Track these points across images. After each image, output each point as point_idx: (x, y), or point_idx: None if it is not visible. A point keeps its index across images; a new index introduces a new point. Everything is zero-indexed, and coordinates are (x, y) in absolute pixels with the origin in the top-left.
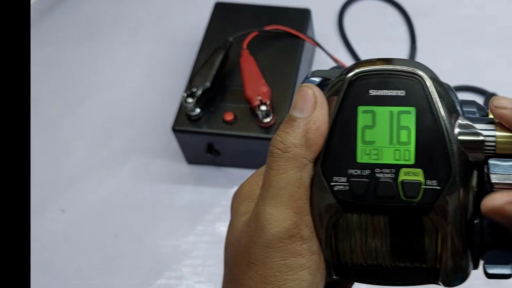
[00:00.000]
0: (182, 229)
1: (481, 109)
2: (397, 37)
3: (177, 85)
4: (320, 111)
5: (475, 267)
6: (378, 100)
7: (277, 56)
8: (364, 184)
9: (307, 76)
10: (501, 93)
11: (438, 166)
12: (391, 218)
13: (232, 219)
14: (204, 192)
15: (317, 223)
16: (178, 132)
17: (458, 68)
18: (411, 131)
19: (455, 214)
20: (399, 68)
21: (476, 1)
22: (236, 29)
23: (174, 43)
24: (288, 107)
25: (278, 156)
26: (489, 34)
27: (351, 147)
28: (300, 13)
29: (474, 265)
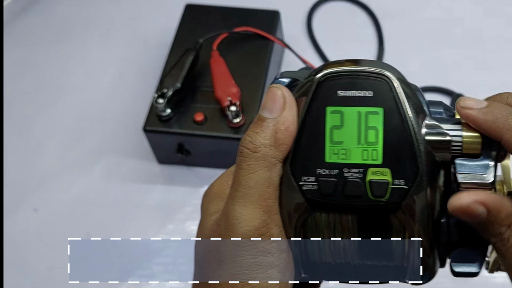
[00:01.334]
0: (153, 228)
1: (448, 109)
2: (365, 39)
3: (148, 86)
4: (289, 111)
5: (442, 265)
6: (346, 100)
7: (247, 57)
8: (333, 183)
9: (276, 77)
10: (468, 94)
11: (406, 166)
12: (359, 217)
13: (202, 218)
14: (175, 191)
15: (286, 222)
16: (149, 132)
17: (425, 69)
18: (378, 131)
19: (422, 213)
20: (367, 69)
21: (443, 3)
22: (206, 31)
23: (145, 45)
24: (257, 108)
25: (248, 156)
26: (456, 35)
27: (319, 147)
28: (269, 15)
29: (441, 263)
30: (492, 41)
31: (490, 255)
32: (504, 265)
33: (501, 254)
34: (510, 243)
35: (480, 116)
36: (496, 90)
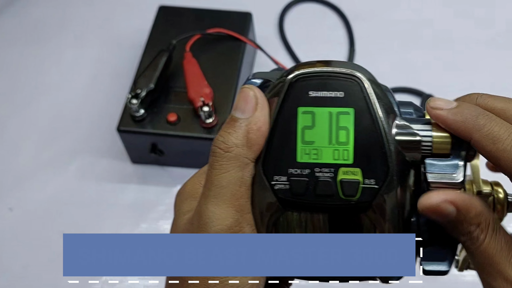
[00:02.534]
0: (126, 227)
1: (418, 110)
2: (336, 40)
3: (122, 87)
4: (261, 112)
5: None
6: (318, 101)
7: (219, 58)
8: (304, 183)
9: (248, 77)
10: (437, 94)
11: (376, 166)
12: (330, 216)
13: (175, 217)
14: (148, 191)
15: (258, 221)
16: (123, 133)
17: (396, 70)
18: (349, 132)
19: (392, 212)
20: (338, 70)
21: (413, 5)
22: (180, 32)
23: (119, 46)
24: (230, 108)
25: (220, 156)
26: (425, 37)
27: (291, 147)
28: (241, 16)
29: None
30: (462, 43)
31: (460, 253)
32: (474, 263)
33: (471, 252)
34: (479, 242)
35: (449, 116)
36: (465, 90)
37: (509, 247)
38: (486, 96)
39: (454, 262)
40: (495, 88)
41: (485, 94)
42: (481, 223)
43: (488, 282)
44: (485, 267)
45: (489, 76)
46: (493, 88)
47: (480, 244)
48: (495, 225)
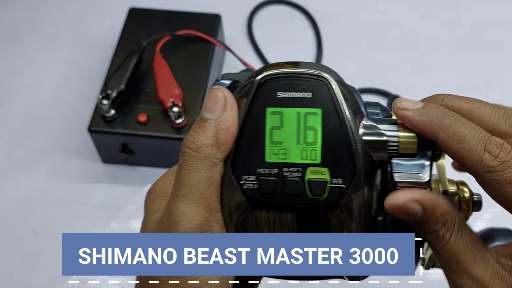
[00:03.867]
0: (97, 226)
1: (384, 110)
2: (304, 41)
3: (93, 88)
4: (230, 112)
5: None
6: (286, 101)
7: (189, 60)
8: (272, 182)
9: (217, 78)
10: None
11: (343, 165)
12: (298, 215)
13: (145, 216)
14: (119, 190)
15: (227, 220)
16: (94, 133)
17: (363, 71)
18: (317, 132)
19: (359, 211)
20: (306, 71)
21: (380, 7)
22: (150, 34)
23: (90, 47)
24: (199, 109)
25: (190, 156)
26: (392, 38)
27: (259, 147)
28: (211, 18)
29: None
30: (428, 44)
31: (426, 252)
32: (439, 261)
33: (436, 251)
34: (445, 241)
35: (416, 117)
36: (431, 91)
37: (474, 245)
38: (452, 97)
39: (420, 260)
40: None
41: (451, 94)
42: (447, 222)
43: (454, 280)
44: (450, 266)
45: (455, 77)
46: (458, 89)
47: (446, 243)
48: (461, 224)
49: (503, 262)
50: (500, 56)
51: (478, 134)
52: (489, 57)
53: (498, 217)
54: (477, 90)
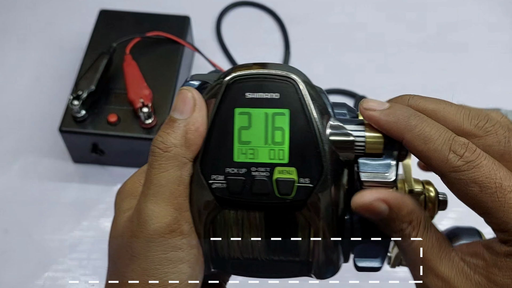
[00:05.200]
0: (68, 225)
1: (351, 111)
2: (272, 43)
3: (64, 88)
4: (199, 112)
5: (345, 261)
6: (254, 102)
7: (158, 61)
8: (241, 182)
9: (186, 79)
10: (370, 96)
11: (311, 165)
12: (266, 214)
13: (115, 215)
14: (89, 189)
15: (196, 219)
16: (65, 133)
17: (330, 72)
18: (285, 132)
19: (326, 210)
20: (274, 72)
21: (347, 9)
22: (120, 35)
23: (60, 49)
24: (168, 109)
25: (159, 156)
26: (359, 40)
27: (228, 147)
28: (180, 20)
29: (344, 258)
30: (394, 45)
31: (392, 250)
32: (405, 260)
33: (402, 249)
34: (411, 239)
35: (382, 117)
36: (397, 92)
37: (439, 244)
38: (418, 98)
39: (387, 258)
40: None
41: (416, 95)
42: (412, 221)
43: (420, 278)
44: (416, 264)
45: (421, 78)
46: (424, 90)
47: (411, 242)
48: (427, 222)
49: (468, 260)
50: (465, 57)
51: (443, 134)
52: (454, 58)
53: (463, 216)
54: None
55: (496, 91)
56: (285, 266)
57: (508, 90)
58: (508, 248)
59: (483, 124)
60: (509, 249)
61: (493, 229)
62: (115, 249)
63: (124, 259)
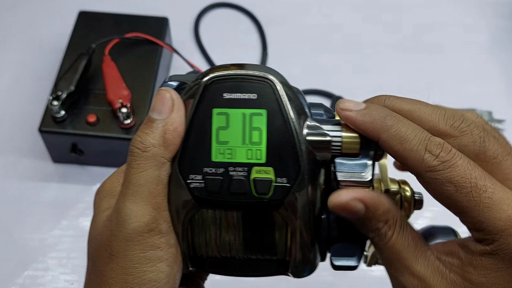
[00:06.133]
0: (48, 224)
1: (328, 111)
2: (249, 44)
3: (44, 89)
4: (177, 113)
5: (322, 259)
6: (232, 103)
7: (137, 62)
8: (219, 181)
9: (165, 80)
10: (347, 96)
11: (288, 165)
12: (244, 213)
13: (94, 215)
14: (69, 189)
15: (175, 218)
16: (44, 133)
17: (307, 72)
18: (262, 132)
19: (303, 209)
20: (251, 73)
21: (324, 10)
22: (99, 36)
23: (40, 50)
24: (147, 110)
25: (138, 155)
26: (335, 41)
27: (206, 147)
28: (158, 21)
29: (321, 257)
30: (370, 46)
31: (368, 249)
32: (382, 259)
33: (379, 248)
34: (387, 238)
35: (358, 117)
36: (374, 92)
37: (415, 243)
38: (394, 98)
39: (363, 257)
40: (402, 90)
41: (392, 96)
42: (388, 220)
43: (396, 277)
44: (392, 263)
45: (397, 79)
46: (400, 90)
47: (388, 240)
48: (402, 222)
49: (443, 259)
50: (441, 58)
51: (419, 134)
52: (430, 59)
53: (438, 216)
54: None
55: (471, 91)
56: (263, 265)
57: (483, 91)
58: (483, 247)
59: (458, 124)
60: (484, 248)
61: (468, 228)
62: (94, 248)
63: (103, 258)
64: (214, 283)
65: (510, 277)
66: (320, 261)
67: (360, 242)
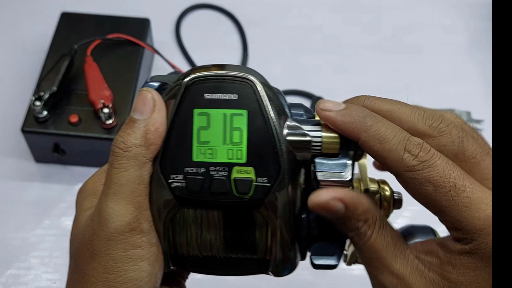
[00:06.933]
0: (30, 223)
1: (308, 111)
2: (230, 45)
3: (26, 89)
4: (159, 113)
5: (302, 258)
6: (213, 103)
7: (119, 62)
8: (200, 181)
9: (146, 81)
10: (327, 96)
11: (268, 165)
12: (224, 213)
13: (76, 214)
14: (51, 188)
15: (156, 217)
16: (27, 133)
17: (287, 73)
18: (243, 132)
19: (284, 209)
20: (232, 73)
21: (304, 11)
22: (81, 37)
23: (23, 50)
24: (129, 110)
25: (120, 155)
26: (315, 42)
27: (187, 147)
28: (140, 22)
29: (301, 256)
30: (350, 47)
31: (348, 248)
32: (361, 258)
33: (358, 247)
34: (367, 237)
35: (338, 117)
36: (353, 93)
37: (395, 242)
38: (373, 98)
39: (343, 256)
40: (382, 90)
41: (372, 96)
42: (368, 220)
43: (375, 276)
44: (372, 261)
45: (376, 79)
46: (379, 91)
47: (367, 240)
48: (382, 221)
49: (422, 258)
50: (420, 59)
51: (398, 135)
52: (409, 60)
53: (417, 215)
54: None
55: (450, 92)
56: (243, 264)
57: (462, 91)
58: (462, 246)
59: (437, 125)
60: (462, 247)
61: (447, 228)
62: (76, 247)
63: (85, 257)
64: (195, 281)
65: (488, 276)
66: (300, 260)
67: (339, 241)
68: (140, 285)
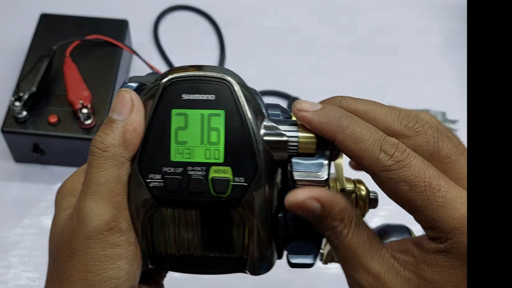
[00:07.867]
0: (10, 222)
1: (285, 112)
2: (207, 46)
3: (6, 90)
4: (137, 113)
5: (279, 257)
6: (190, 103)
7: (98, 63)
8: (177, 180)
9: (125, 81)
10: (303, 97)
11: (245, 164)
12: (202, 212)
13: (56, 213)
14: (30, 188)
15: (134, 216)
16: (6, 133)
17: (264, 74)
18: (220, 132)
19: (261, 208)
20: (210, 74)
21: (281, 13)
22: (60, 39)
23: (2, 52)
24: (107, 110)
25: (98, 155)
26: (292, 43)
27: (165, 147)
28: (118, 23)
29: (278, 255)
30: (326, 48)
31: (324, 247)
32: (337, 256)
33: (334, 246)
34: (343, 237)
35: (314, 118)
36: (329, 93)
37: (370, 241)
38: (349, 99)
39: (319, 255)
40: (358, 91)
41: (348, 96)
42: (344, 219)
43: (351, 274)
44: (348, 260)
45: (352, 80)
46: (355, 91)
47: (343, 239)
48: (358, 220)
49: (398, 257)
50: (395, 60)
51: (374, 135)
52: (384, 61)
53: (393, 214)
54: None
55: (425, 92)
56: (221, 263)
57: (437, 92)
58: (437, 245)
59: (412, 125)
60: (437, 246)
61: (422, 227)
62: (55, 246)
63: (64, 256)
64: (173, 280)
65: (463, 275)
66: (277, 259)
67: (316, 240)
68: (119, 283)
